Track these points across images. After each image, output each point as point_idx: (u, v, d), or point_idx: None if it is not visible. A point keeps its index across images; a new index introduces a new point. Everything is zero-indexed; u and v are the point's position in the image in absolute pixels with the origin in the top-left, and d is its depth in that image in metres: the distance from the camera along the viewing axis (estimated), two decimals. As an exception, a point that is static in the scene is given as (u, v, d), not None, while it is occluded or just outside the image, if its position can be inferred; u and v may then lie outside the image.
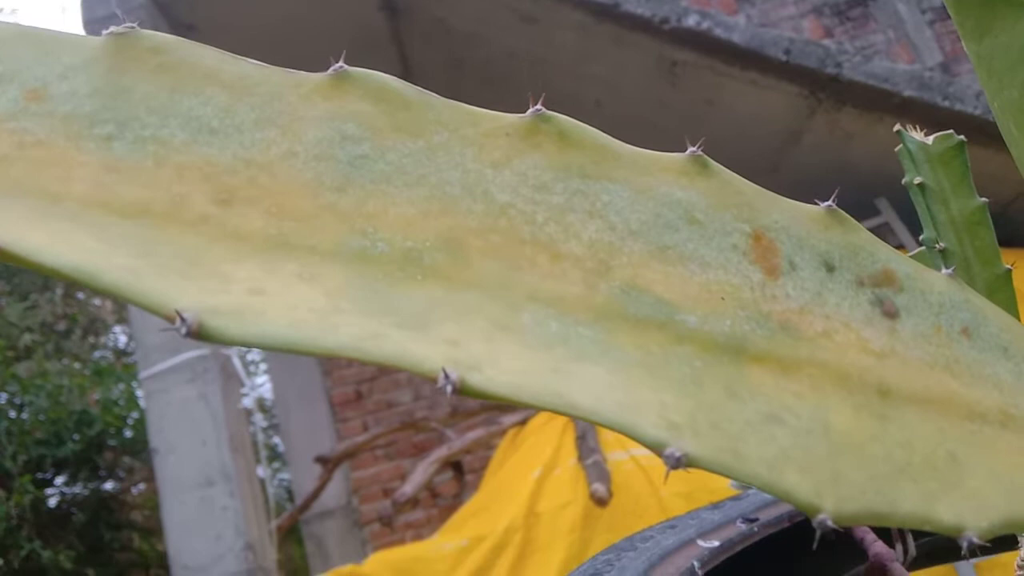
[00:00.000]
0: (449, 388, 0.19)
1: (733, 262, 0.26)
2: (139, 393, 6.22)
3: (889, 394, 0.25)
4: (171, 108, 0.21)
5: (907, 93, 2.40)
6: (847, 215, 0.29)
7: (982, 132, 2.22)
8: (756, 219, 0.27)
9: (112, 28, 0.21)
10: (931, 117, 2.44)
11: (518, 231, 0.23)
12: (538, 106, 0.24)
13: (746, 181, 0.29)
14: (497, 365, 0.20)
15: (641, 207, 0.25)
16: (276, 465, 6.86)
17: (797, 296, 0.26)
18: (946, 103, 2.39)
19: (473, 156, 0.23)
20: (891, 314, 0.27)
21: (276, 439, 6.52)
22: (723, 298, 0.25)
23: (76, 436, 5.86)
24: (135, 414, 6.30)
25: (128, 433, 6.24)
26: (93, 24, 2.64)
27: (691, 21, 2.51)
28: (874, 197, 2.67)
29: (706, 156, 0.28)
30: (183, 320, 0.18)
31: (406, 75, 3.19)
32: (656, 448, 0.21)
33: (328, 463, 2.98)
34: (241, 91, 0.22)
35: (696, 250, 0.25)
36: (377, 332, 0.19)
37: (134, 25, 0.21)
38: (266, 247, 0.20)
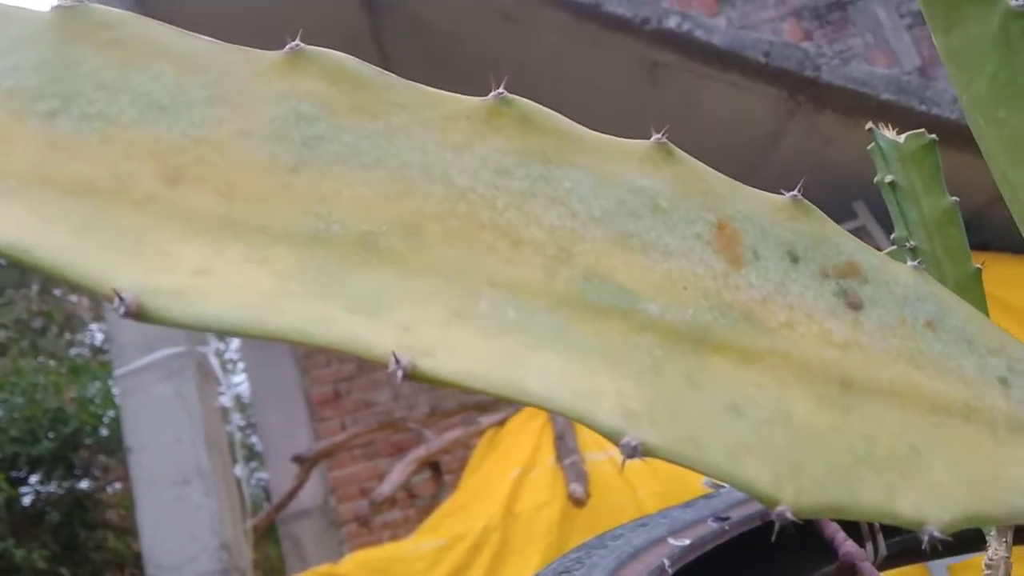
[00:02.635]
0: (400, 373, 0.19)
1: (696, 251, 0.25)
2: (115, 391, 6.17)
3: (852, 386, 0.25)
4: (119, 84, 0.20)
5: (885, 97, 2.42)
6: (813, 206, 0.29)
7: (958, 136, 2.24)
8: (720, 208, 0.26)
9: (60, 1, 0.21)
10: (908, 121, 2.45)
11: (478, 216, 0.22)
12: (500, 90, 0.24)
13: (711, 170, 0.28)
14: (450, 351, 0.20)
15: (604, 194, 0.24)
16: (253, 464, 6.81)
17: (760, 286, 0.26)
18: (923, 107, 2.41)
19: (433, 139, 0.23)
20: (855, 305, 0.26)
21: (253, 438, 6.48)
22: (685, 287, 0.24)
23: (51, 434, 5.80)
24: (111, 412, 6.25)
25: (104, 431, 6.19)
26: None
27: (672, 22, 2.52)
28: (852, 200, 2.68)
29: (671, 144, 0.28)
30: (122, 300, 0.17)
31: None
32: (613, 436, 0.21)
33: (305, 462, 2.96)
34: (193, 68, 0.21)
35: (659, 238, 0.25)
36: (326, 315, 0.19)
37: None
38: (215, 227, 0.19)
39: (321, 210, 0.21)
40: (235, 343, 6.52)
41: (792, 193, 0.29)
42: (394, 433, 3.47)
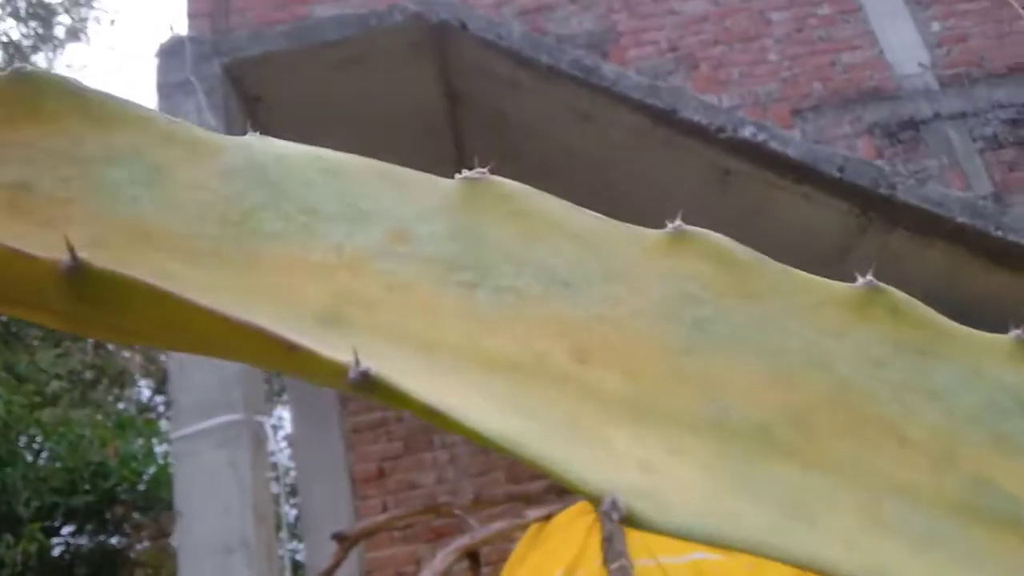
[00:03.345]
0: None
1: None
2: (158, 450, 6.20)
3: None
4: (524, 257, 0.21)
5: (960, 219, 2.40)
6: None
7: (1036, 264, 2.21)
8: None
9: (465, 173, 0.22)
10: (983, 245, 2.44)
11: (862, 408, 0.22)
12: (869, 277, 0.24)
13: None
14: (898, 571, 0.19)
15: (975, 390, 0.24)
16: (282, 535, 6.74)
17: None
18: (999, 232, 2.39)
19: (811, 325, 0.23)
20: None
21: (287, 508, 6.45)
22: None
23: (90, 487, 5.83)
24: (151, 469, 6.26)
25: (141, 487, 6.20)
26: (166, 88, 2.71)
27: (747, 132, 2.55)
28: (920, 320, 2.65)
29: None
30: (615, 504, 0.17)
31: (461, 161, 3.25)
32: None
33: (346, 541, 2.92)
34: (587, 243, 0.21)
35: None
36: (774, 525, 0.18)
37: (484, 171, 0.22)
38: (628, 411, 0.19)
39: (717, 395, 0.20)
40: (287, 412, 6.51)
41: None
42: (435, 518, 3.42)
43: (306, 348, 0.15)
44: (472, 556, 3.19)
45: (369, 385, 0.15)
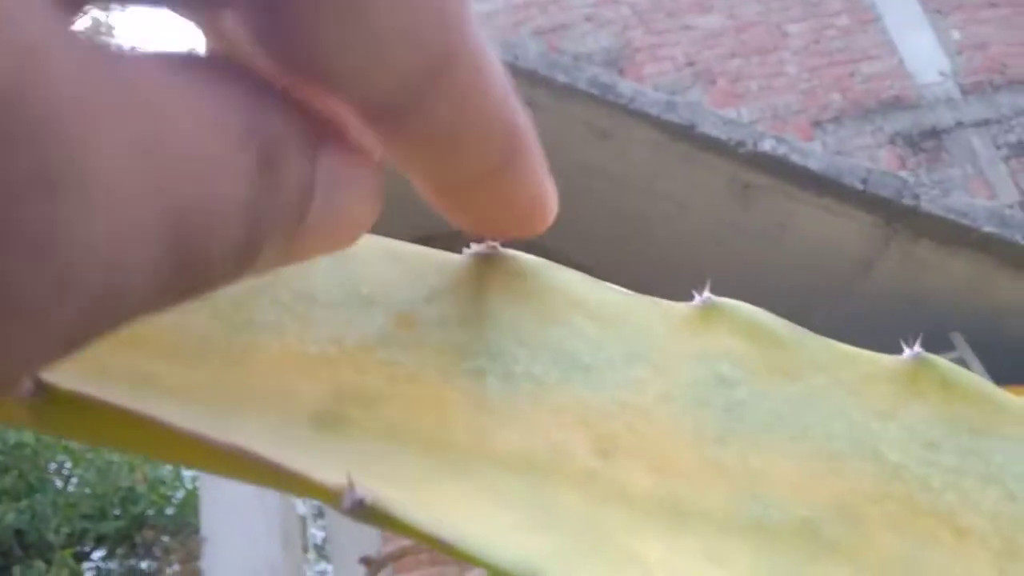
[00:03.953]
0: None
1: None
2: (186, 474, 6.22)
3: None
4: (540, 340, 0.19)
5: (986, 229, 2.37)
6: None
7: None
8: None
9: (474, 248, 0.20)
10: (1009, 255, 2.40)
11: (915, 499, 0.20)
12: (917, 349, 0.22)
13: None
14: None
15: None
16: (310, 556, 6.73)
17: None
18: (1026, 241, 2.36)
19: (856, 405, 0.21)
20: None
21: (314, 530, 6.44)
22: None
23: (119, 512, 5.86)
24: (180, 494, 6.29)
25: (170, 511, 6.23)
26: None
27: (767, 146, 2.54)
28: (949, 331, 2.61)
29: None
30: None
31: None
32: None
33: (373, 564, 2.92)
34: (609, 322, 0.20)
35: None
36: None
37: (495, 245, 0.20)
38: (660, 513, 0.18)
39: (756, 490, 0.19)
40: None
41: None
42: (462, 539, 3.40)
43: (294, 471, 0.14)
44: (500, 577, 3.16)
45: (366, 514, 0.14)
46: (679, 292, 0.21)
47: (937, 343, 2.58)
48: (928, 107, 3.49)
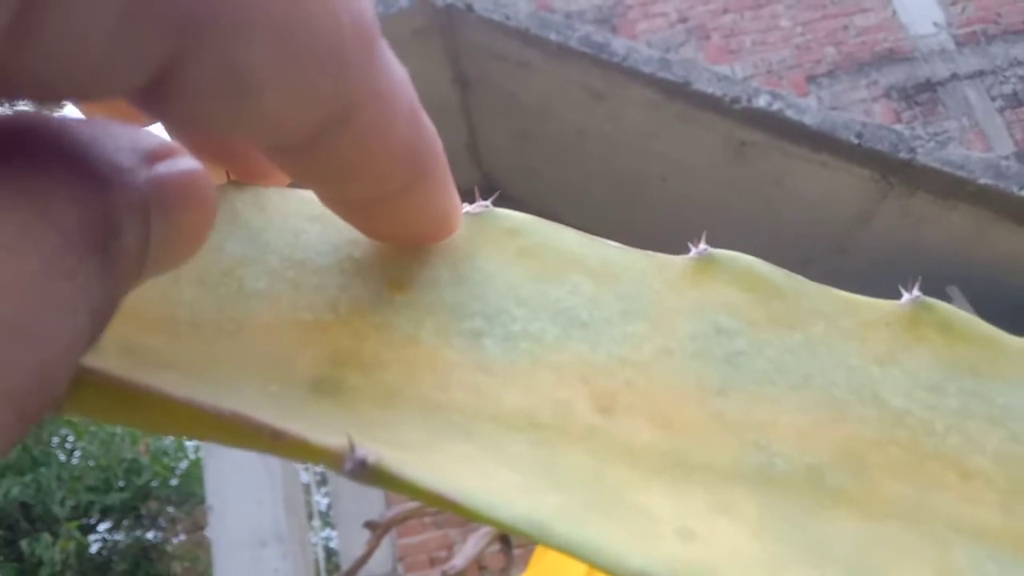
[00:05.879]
0: None
1: None
2: (189, 444, 6.26)
3: None
4: (538, 299, 0.19)
5: (982, 181, 2.37)
6: None
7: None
8: None
9: (466, 207, 0.19)
10: (1006, 206, 2.40)
11: (920, 443, 0.20)
12: (916, 293, 0.21)
13: None
14: None
15: None
16: (315, 523, 6.81)
17: None
18: (1022, 192, 2.35)
19: (856, 351, 0.20)
20: None
21: (318, 497, 6.50)
22: None
23: (123, 484, 5.91)
24: (183, 464, 6.34)
25: (174, 482, 6.28)
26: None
27: (762, 102, 2.52)
28: (946, 284, 2.61)
29: None
30: None
31: (473, 146, 3.23)
32: None
33: (378, 529, 2.94)
34: (605, 278, 0.20)
35: None
36: None
37: (487, 204, 0.19)
38: (665, 467, 0.17)
39: (760, 440, 0.19)
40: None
41: None
42: (465, 502, 3.44)
43: (294, 435, 0.14)
44: (504, 539, 3.20)
45: (368, 475, 0.13)
46: (676, 252, 0.21)
47: (934, 296, 2.58)
48: (922, 59, 3.46)
